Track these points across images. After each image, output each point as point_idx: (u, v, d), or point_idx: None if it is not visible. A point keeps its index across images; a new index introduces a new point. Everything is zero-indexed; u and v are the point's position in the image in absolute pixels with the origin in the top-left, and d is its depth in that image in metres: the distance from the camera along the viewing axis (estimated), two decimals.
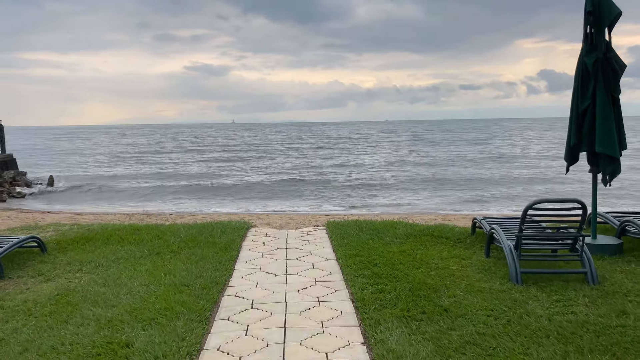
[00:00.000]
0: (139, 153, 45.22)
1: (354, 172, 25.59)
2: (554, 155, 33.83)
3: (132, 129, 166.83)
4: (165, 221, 10.95)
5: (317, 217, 11.78)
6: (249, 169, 28.96)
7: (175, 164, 31.86)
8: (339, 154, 38.76)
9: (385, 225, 7.91)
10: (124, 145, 60.54)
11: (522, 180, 21.80)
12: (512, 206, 14.99)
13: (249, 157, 38.41)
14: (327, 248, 6.89)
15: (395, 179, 22.85)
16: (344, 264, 5.98)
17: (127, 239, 7.51)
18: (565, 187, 19.13)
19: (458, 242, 6.92)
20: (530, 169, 25.76)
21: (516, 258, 5.31)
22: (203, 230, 7.95)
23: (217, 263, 6.14)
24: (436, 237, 7.15)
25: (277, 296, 5.03)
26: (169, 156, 40.08)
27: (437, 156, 36.03)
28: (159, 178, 25.10)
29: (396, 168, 27.67)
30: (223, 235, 7.60)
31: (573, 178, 19.23)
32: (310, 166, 28.72)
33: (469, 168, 25.94)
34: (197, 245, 7.03)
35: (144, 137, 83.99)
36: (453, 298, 4.78)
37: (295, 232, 8.03)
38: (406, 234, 7.35)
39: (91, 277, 5.86)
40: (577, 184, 18.80)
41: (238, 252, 6.73)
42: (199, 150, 48.35)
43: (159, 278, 5.63)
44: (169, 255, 6.63)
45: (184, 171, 27.93)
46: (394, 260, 6.04)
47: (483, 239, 6.93)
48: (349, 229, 7.82)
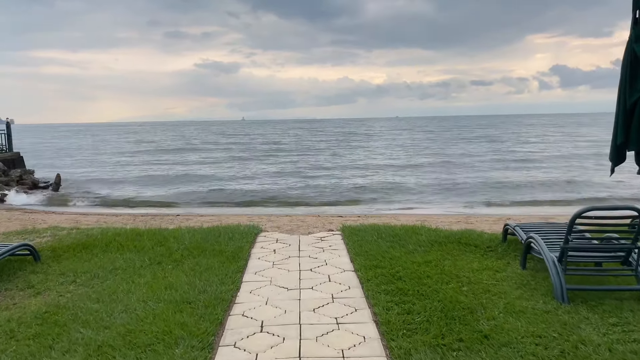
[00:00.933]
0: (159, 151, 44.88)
1: (369, 172, 24.90)
2: (584, 155, 31.62)
3: (145, 126, 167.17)
4: (170, 223, 10.42)
5: (330, 219, 11.18)
6: (258, 168, 28.39)
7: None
8: (351, 152, 38.07)
9: (406, 231, 7.28)
10: (146, 142, 60.34)
11: (550, 183, 20.68)
12: (537, 212, 14.25)
13: (260, 156, 37.84)
14: (344, 257, 6.28)
15: (414, 179, 22.17)
16: (364, 276, 5.37)
17: (127, 246, 6.95)
18: (599, 191, 17.95)
19: (489, 251, 6.28)
20: (559, 170, 24.05)
21: (561, 272, 4.67)
22: (209, 235, 7.38)
23: (223, 275, 5.56)
24: (464, 245, 6.51)
25: (290, 316, 4.43)
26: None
27: (452, 154, 35.24)
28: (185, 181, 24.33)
29: (414, 168, 26.96)
30: (230, 241, 7.02)
31: (600, 179, 18.49)
32: (320, 166, 28.05)
33: (492, 171, 24.60)
34: (202, 253, 6.46)
35: (162, 134, 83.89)
36: (493, 321, 4.15)
37: (308, 238, 7.44)
38: (430, 240, 6.72)
39: (85, 290, 5.31)
40: (616, 188, 17.60)
41: (246, 262, 6.15)
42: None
43: (158, 293, 5.07)
44: (171, 265, 6.06)
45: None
46: (419, 272, 5.42)
47: (516, 248, 6.29)
48: (366, 234, 7.21)
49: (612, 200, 15.93)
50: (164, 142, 57.64)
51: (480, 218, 10.87)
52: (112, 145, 53.19)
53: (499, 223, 10.05)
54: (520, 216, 11.68)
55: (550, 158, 29.27)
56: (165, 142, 58.71)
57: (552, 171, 23.51)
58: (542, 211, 14.00)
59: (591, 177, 20.87)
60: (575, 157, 29.42)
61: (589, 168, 24.20)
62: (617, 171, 5.35)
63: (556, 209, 14.14)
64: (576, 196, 16.52)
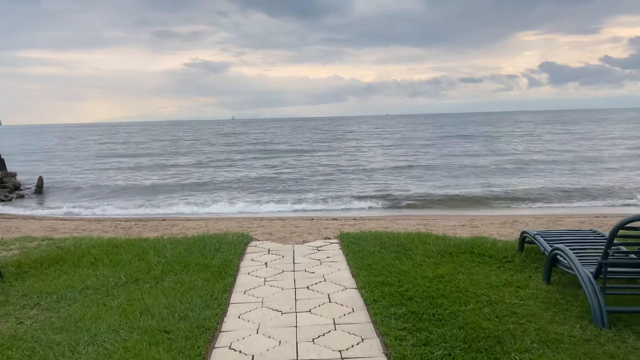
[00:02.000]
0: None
1: (363, 172, 24.25)
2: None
3: (135, 126, 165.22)
4: (154, 230, 9.70)
5: (325, 222, 10.51)
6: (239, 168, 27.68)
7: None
8: (344, 152, 37.40)
9: (412, 240, 6.62)
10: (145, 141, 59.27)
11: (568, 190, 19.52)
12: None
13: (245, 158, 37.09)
14: (344, 271, 5.61)
15: (409, 179, 21.54)
16: (369, 296, 4.70)
17: (102, 260, 6.23)
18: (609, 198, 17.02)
19: (505, 262, 5.63)
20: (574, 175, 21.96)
21: (599, 292, 4.03)
22: (194, 246, 6.68)
23: (207, 296, 4.86)
24: (477, 256, 5.86)
25: (286, 349, 3.75)
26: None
27: (448, 154, 34.66)
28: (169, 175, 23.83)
29: (410, 168, 26.36)
30: (217, 253, 6.32)
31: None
32: (312, 166, 27.36)
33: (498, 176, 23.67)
34: (184, 268, 5.75)
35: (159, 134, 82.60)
36: (526, 353, 3.50)
37: (303, 248, 6.75)
38: (439, 251, 6.07)
39: (48, 316, 4.60)
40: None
41: (234, 278, 5.45)
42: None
43: (132, 319, 4.37)
44: (150, 283, 5.35)
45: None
46: (432, 290, 4.76)
47: (536, 258, 5.66)
48: (367, 244, 6.53)
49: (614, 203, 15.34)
50: (151, 143, 56.60)
51: (485, 220, 10.25)
52: (99, 147, 52.06)
53: (506, 226, 9.44)
54: (525, 217, 11.08)
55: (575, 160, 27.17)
56: (153, 142, 57.69)
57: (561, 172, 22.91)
58: (544, 212, 13.41)
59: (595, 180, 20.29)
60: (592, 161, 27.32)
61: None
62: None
63: (561, 210, 13.57)
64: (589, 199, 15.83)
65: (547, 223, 9.75)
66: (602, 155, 27.61)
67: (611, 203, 14.49)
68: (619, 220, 3.95)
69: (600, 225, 9.26)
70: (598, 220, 10.19)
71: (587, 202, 14.67)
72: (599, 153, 29.18)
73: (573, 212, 12.77)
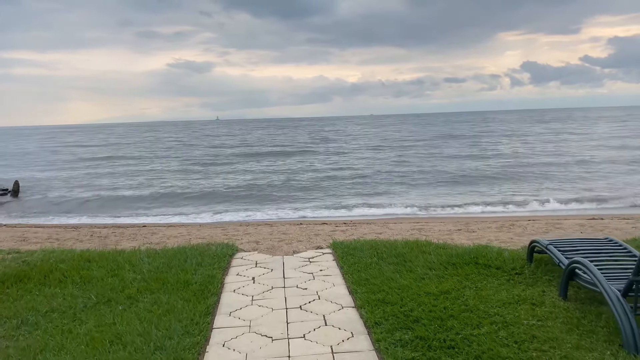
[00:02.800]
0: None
1: (352, 174, 23.79)
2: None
3: (118, 127, 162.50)
4: (132, 240, 9.11)
5: (315, 228, 10.00)
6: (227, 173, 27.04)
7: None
8: (332, 154, 36.90)
9: (411, 249, 6.13)
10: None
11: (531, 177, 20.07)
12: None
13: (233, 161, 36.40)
14: (340, 286, 5.10)
15: (397, 178, 21.15)
16: (370, 317, 4.20)
17: (71, 277, 5.64)
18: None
19: (514, 275, 5.17)
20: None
21: (630, 313, 3.58)
22: (173, 260, 6.11)
23: (188, 320, 4.32)
24: (483, 267, 5.39)
25: None
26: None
27: (436, 153, 34.38)
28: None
29: (397, 166, 25.99)
30: (199, 268, 5.77)
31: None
32: (297, 168, 26.80)
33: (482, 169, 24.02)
34: (162, 286, 5.19)
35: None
36: None
37: (293, 260, 6.23)
38: (441, 262, 5.59)
39: (4, 346, 4.03)
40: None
41: (218, 297, 4.92)
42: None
43: (101, 350, 3.82)
44: (123, 304, 4.79)
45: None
46: (439, 310, 4.28)
47: (547, 270, 5.21)
48: (363, 254, 6.04)
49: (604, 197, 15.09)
50: (133, 145, 55.49)
51: (481, 224, 9.83)
52: (80, 149, 50.80)
53: (503, 231, 9.03)
54: (521, 220, 10.69)
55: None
56: (135, 144, 56.58)
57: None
58: (539, 214, 13.06)
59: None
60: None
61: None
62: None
63: (555, 211, 13.23)
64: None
65: (545, 226, 9.36)
66: (592, 155, 27.52)
67: (605, 204, 14.22)
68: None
69: (601, 229, 8.90)
70: (597, 223, 9.83)
71: (580, 203, 14.37)
72: (590, 152, 29.13)
73: (568, 214, 12.43)
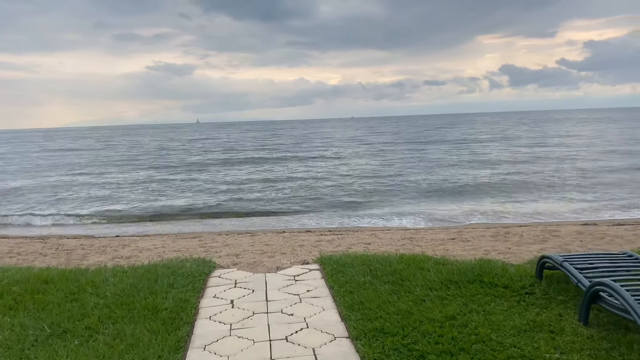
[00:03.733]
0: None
1: (337, 180, 23.23)
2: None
3: (96, 131, 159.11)
4: (101, 253, 8.40)
5: (299, 238, 9.41)
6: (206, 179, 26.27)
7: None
8: (313, 158, 36.31)
9: (407, 265, 5.56)
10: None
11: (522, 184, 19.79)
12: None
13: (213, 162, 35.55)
14: (331, 311, 4.51)
15: (381, 185, 20.65)
16: (368, 352, 3.61)
17: (24, 302, 4.94)
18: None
19: (525, 295, 4.64)
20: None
21: None
22: (142, 280, 5.45)
23: (154, 357, 3.68)
24: (489, 286, 4.85)
25: None
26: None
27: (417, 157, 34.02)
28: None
29: (383, 171, 25.50)
30: (171, 290, 5.11)
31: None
32: (278, 175, 26.16)
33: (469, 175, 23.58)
34: (128, 313, 4.53)
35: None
36: None
37: (277, 278, 5.61)
38: (442, 280, 5.04)
39: None
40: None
41: (192, 326, 4.28)
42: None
43: None
44: (81, 337, 4.12)
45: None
46: (446, 340, 3.71)
47: (560, 289, 4.70)
48: (355, 272, 5.45)
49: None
50: (110, 149, 54.14)
51: (474, 232, 9.34)
52: (56, 153, 49.31)
53: (499, 239, 8.55)
54: (515, 227, 10.23)
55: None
56: (112, 148, 55.24)
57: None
58: (532, 220, 12.65)
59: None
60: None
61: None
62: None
63: (546, 216, 12.83)
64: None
65: (542, 234, 8.90)
66: (576, 156, 27.47)
67: (595, 207, 13.92)
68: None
69: (601, 237, 8.48)
70: (594, 230, 9.41)
71: (569, 205, 14.03)
72: (576, 154, 29.08)
73: (561, 220, 12.04)
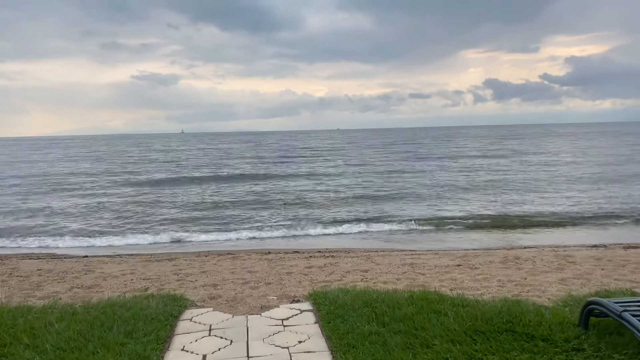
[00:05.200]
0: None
1: (329, 196, 22.26)
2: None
3: (79, 140, 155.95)
4: (59, 281, 7.34)
5: (287, 262, 8.42)
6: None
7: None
8: (300, 171, 35.33)
9: (419, 307, 4.59)
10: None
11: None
12: None
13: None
14: None
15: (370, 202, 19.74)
16: None
17: None
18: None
19: (572, 351, 3.71)
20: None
21: None
22: (94, 326, 4.40)
23: None
24: (524, 338, 3.90)
25: None
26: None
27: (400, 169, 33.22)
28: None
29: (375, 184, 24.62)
30: (128, 341, 4.08)
31: None
32: (259, 190, 25.10)
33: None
34: None
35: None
36: None
37: (261, 323, 4.61)
38: (465, 329, 4.09)
39: None
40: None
41: None
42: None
43: None
44: None
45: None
46: None
47: (614, 342, 3.77)
48: (357, 316, 4.47)
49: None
50: (86, 159, 52.54)
51: (481, 258, 8.43)
52: (35, 163, 47.59)
53: (510, 266, 7.66)
54: (523, 251, 9.36)
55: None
56: (89, 158, 53.64)
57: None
58: (538, 242, 11.81)
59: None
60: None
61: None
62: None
63: (553, 235, 12.00)
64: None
65: (556, 260, 8.04)
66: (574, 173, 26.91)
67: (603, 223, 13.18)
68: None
69: (623, 264, 7.63)
70: (610, 254, 8.58)
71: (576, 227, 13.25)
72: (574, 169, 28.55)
73: (568, 242, 11.18)
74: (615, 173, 25.41)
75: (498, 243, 11.13)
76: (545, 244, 10.68)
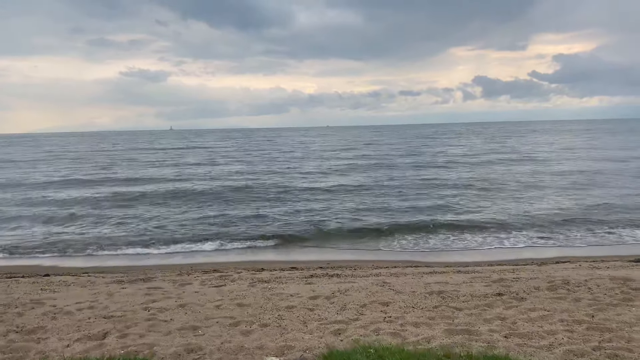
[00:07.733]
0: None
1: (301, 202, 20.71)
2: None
3: (65, 137, 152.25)
4: (7, 306, 5.74)
5: (284, 292, 6.92)
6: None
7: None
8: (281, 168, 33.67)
9: None
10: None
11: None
12: None
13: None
14: None
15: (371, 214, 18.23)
16: None
17: None
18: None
19: None
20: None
21: None
22: None
23: None
24: None
25: None
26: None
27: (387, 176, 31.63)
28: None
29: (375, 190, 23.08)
30: None
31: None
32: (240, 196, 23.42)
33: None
34: None
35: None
36: None
37: None
38: None
39: None
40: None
41: None
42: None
43: None
44: None
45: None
46: None
47: None
48: None
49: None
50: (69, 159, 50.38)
51: (521, 282, 6.98)
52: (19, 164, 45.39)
53: (560, 293, 6.28)
54: (548, 260, 7.92)
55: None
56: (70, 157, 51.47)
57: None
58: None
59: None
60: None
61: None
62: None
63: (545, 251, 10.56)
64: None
65: (610, 282, 6.61)
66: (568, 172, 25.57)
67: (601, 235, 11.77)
68: None
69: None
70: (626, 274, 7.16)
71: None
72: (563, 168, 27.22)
73: (595, 253, 9.76)
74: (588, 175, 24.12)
75: (526, 254, 9.69)
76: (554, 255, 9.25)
